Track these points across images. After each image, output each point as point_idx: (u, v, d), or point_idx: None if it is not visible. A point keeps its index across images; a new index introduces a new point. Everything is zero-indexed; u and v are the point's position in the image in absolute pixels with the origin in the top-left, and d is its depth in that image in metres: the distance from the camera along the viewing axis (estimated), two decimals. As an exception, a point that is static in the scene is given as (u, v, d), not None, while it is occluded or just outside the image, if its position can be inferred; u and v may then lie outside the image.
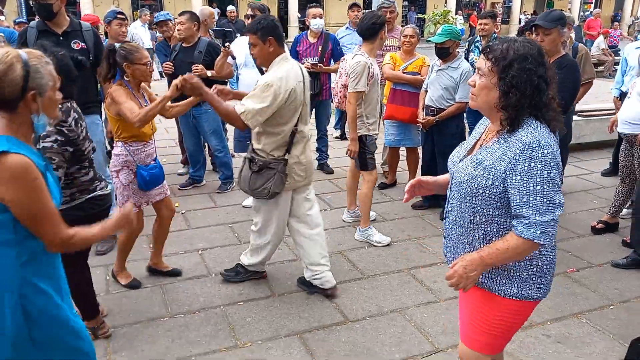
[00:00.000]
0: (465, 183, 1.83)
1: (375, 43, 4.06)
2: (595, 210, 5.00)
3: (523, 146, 1.69)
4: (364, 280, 3.68)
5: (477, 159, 1.83)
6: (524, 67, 1.69)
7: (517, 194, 1.71)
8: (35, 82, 1.64)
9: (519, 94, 1.70)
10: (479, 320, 1.96)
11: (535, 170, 1.68)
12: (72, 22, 3.87)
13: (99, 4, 22.36)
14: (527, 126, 1.73)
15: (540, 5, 33.05)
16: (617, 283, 3.66)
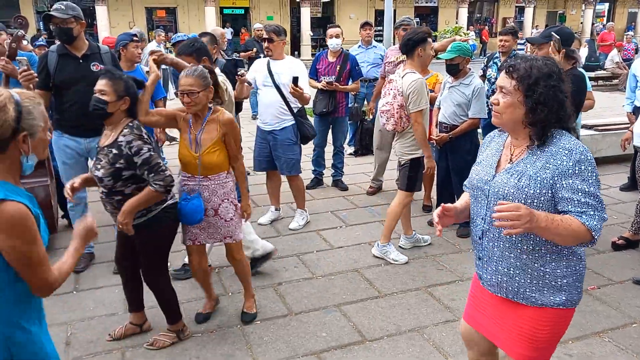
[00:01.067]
0: (511, 196, 1.86)
1: (415, 60, 4.03)
2: (615, 225, 4.93)
3: (569, 152, 1.79)
4: (381, 298, 3.66)
5: (517, 171, 1.88)
6: (549, 84, 1.80)
7: (573, 196, 1.78)
8: (27, 123, 1.63)
9: (546, 110, 1.79)
10: (527, 333, 1.97)
11: (585, 172, 1.78)
12: (90, 45, 3.96)
13: (116, 25, 22.86)
14: (561, 136, 1.84)
15: (552, 19, 33.06)
16: (639, 300, 3.60)
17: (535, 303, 1.93)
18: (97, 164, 2.81)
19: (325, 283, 3.87)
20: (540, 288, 1.91)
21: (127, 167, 2.74)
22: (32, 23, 21.58)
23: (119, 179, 2.76)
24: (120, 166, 2.73)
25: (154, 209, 2.88)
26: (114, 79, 2.79)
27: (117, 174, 2.75)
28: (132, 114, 2.87)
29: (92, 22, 23.22)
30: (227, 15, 26.81)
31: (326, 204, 5.57)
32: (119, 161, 2.73)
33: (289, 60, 4.81)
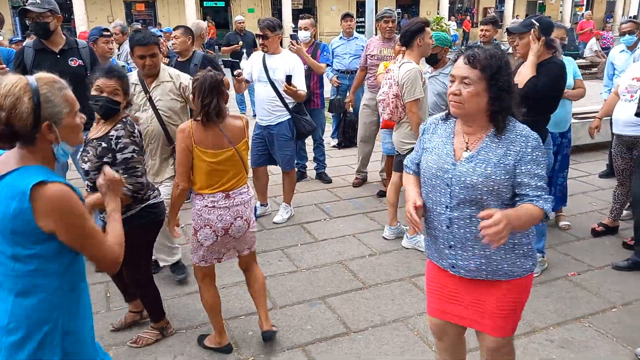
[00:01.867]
0: (480, 184, 1.92)
1: (414, 50, 4.02)
2: (595, 212, 5.01)
3: (526, 139, 1.91)
4: (366, 290, 3.67)
5: (480, 159, 1.92)
6: (508, 72, 1.90)
7: (530, 180, 1.90)
8: (47, 111, 1.56)
9: (509, 97, 1.89)
10: (509, 306, 2.07)
11: (539, 157, 1.91)
12: (68, 40, 3.89)
13: (94, 20, 22.45)
14: (516, 123, 1.95)
15: (532, 8, 33.30)
16: (619, 286, 3.66)
17: (512, 275, 2.03)
18: (84, 156, 2.73)
19: (309, 276, 3.88)
20: (514, 260, 2.02)
21: (114, 162, 2.67)
22: (8, 18, 21.14)
23: None
24: (107, 161, 2.65)
25: (133, 207, 2.80)
26: (123, 78, 2.74)
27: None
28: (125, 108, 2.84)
29: (69, 16, 22.80)
30: (207, 8, 26.52)
31: (310, 197, 5.56)
32: (107, 155, 2.66)
33: (285, 54, 4.73)
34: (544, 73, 3.38)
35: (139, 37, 3.44)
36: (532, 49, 3.40)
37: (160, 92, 3.56)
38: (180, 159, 2.75)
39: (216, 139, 2.74)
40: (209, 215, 2.78)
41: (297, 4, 26.77)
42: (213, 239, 2.82)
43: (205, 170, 2.74)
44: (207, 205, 2.78)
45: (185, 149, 2.72)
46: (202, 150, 2.72)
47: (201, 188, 2.78)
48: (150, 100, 3.53)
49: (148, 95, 3.53)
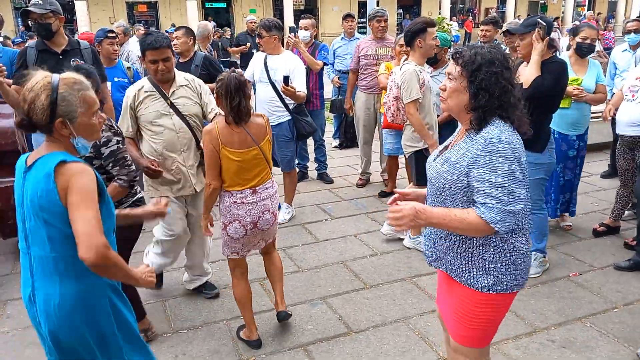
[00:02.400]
0: (434, 179, 1.97)
1: (416, 51, 3.96)
2: (596, 212, 5.00)
3: (485, 142, 1.82)
4: (367, 290, 3.68)
5: (445, 157, 1.96)
6: (491, 70, 1.83)
7: (480, 185, 1.82)
8: (62, 109, 1.74)
9: (487, 96, 1.83)
10: (462, 315, 2.03)
11: (496, 163, 1.79)
12: (70, 40, 3.90)
13: (96, 21, 22.52)
14: (492, 125, 1.86)
15: (533, 9, 33.27)
16: (620, 286, 3.65)
17: (465, 282, 1.98)
18: None
19: (311, 276, 3.88)
20: (470, 269, 1.96)
21: (97, 156, 2.67)
22: (10, 19, 21.21)
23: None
24: (89, 155, 2.61)
25: (124, 202, 2.81)
26: (91, 77, 2.61)
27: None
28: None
29: (71, 17, 22.85)
30: (209, 9, 26.54)
31: (311, 197, 5.57)
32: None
33: (286, 55, 4.73)
34: (548, 73, 3.38)
35: (151, 40, 3.15)
36: (536, 49, 3.39)
37: (181, 96, 3.30)
38: (209, 159, 2.80)
39: (241, 139, 2.81)
40: (237, 211, 2.88)
41: (298, 5, 26.79)
42: (242, 233, 2.92)
43: (232, 169, 2.82)
44: (236, 202, 2.87)
45: (213, 149, 2.77)
46: (229, 150, 2.78)
47: (230, 186, 2.87)
48: (173, 106, 3.26)
49: (169, 101, 3.25)
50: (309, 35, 5.79)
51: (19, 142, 4.12)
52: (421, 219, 1.85)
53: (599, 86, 4.32)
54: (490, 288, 1.93)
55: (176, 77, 3.32)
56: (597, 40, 4.59)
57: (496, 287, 1.94)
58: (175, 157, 3.29)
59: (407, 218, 1.84)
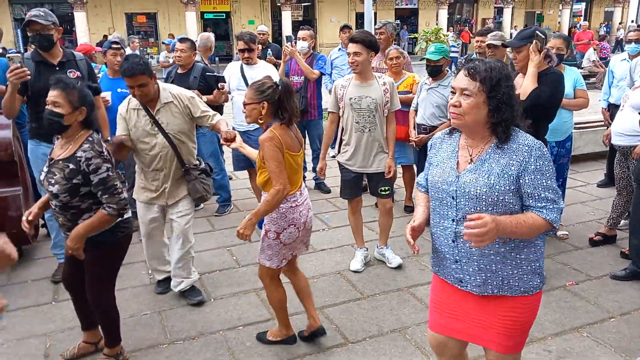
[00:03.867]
0: (484, 194, 1.91)
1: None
2: (593, 222, 5.01)
3: (529, 149, 1.90)
4: (364, 300, 3.67)
5: (483, 170, 1.92)
6: (508, 84, 1.91)
7: (534, 190, 1.89)
8: None
9: (509, 109, 1.89)
10: (515, 324, 2.03)
11: (544, 167, 1.90)
12: (65, 52, 3.94)
13: (95, 32, 22.63)
14: (517, 133, 1.94)
15: (530, 19, 33.51)
16: (617, 295, 3.65)
17: (519, 292, 2.00)
18: (49, 177, 2.62)
19: (307, 286, 3.87)
20: (520, 276, 2.00)
21: (85, 183, 2.60)
22: (9, 30, 21.29)
23: (76, 194, 2.61)
24: (77, 182, 2.59)
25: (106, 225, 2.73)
26: (67, 89, 2.61)
27: (74, 190, 2.60)
28: (89, 125, 2.71)
29: (70, 28, 22.96)
30: (208, 20, 26.71)
31: (309, 207, 5.56)
32: (76, 177, 2.58)
33: (262, 65, 4.98)
34: (546, 84, 3.40)
35: (125, 67, 3.17)
36: (532, 61, 3.41)
37: (166, 114, 3.38)
38: (279, 164, 2.75)
39: (294, 142, 2.86)
40: (293, 215, 2.88)
41: (297, 16, 26.96)
42: (296, 236, 2.93)
43: (290, 172, 2.83)
44: (292, 206, 2.88)
45: (279, 154, 2.75)
46: (290, 154, 2.82)
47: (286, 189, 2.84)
48: (157, 124, 3.36)
49: (153, 119, 3.35)
50: (307, 45, 5.84)
51: (16, 152, 4.13)
52: (500, 230, 1.81)
53: (578, 91, 4.39)
54: (538, 287, 2.03)
55: (161, 95, 3.38)
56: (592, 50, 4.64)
57: (541, 284, 2.05)
58: (157, 173, 3.45)
59: (492, 232, 1.77)
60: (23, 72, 3.43)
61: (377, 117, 3.87)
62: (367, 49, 3.77)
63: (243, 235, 2.79)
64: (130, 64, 3.17)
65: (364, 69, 3.84)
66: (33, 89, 3.73)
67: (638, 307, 3.50)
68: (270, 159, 2.74)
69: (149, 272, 4.13)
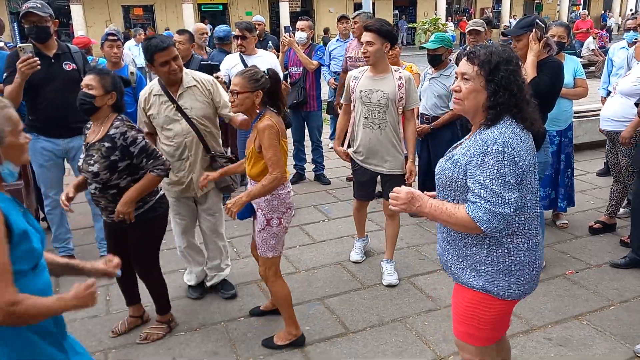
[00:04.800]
0: (437, 175, 2.01)
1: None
2: (592, 210, 5.01)
3: (482, 142, 1.85)
4: (364, 290, 3.68)
5: (451, 154, 1.98)
6: (509, 68, 1.86)
7: (471, 184, 1.86)
8: None
9: (507, 93, 1.84)
10: (457, 309, 2.09)
11: (487, 164, 1.82)
12: (60, 45, 3.93)
13: (92, 24, 22.52)
14: (498, 125, 1.87)
15: (529, 8, 33.36)
16: (617, 283, 3.67)
17: (458, 280, 2.05)
18: (88, 160, 2.79)
19: (308, 277, 3.89)
20: (463, 267, 2.01)
21: (122, 158, 2.77)
22: (6, 24, 21.15)
23: (115, 171, 2.78)
24: (115, 158, 2.75)
25: (149, 200, 2.94)
26: (101, 74, 2.82)
27: (113, 166, 2.76)
28: (118, 110, 2.87)
29: (67, 21, 22.85)
30: (205, 12, 26.58)
31: (308, 199, 5.57)
32: (114, 153, 2.75)
33: (263, 54, 4.92)
34: (546, 73, 3.39)
35: (156, 42, 3.09)
36: (532, 50, 3.38)
37: (189, 99, 3.27)
38: (277, 152, 2.76)
39: (284, 128, 2.87)
40: (289, 199, 2.94)
41: (295, 7, 26.84)
42: (292, 218, 3.02)
43: (284, 158, 2.88)
44: (288, 191, 2.94)
45: (277, 141, 2.77)
46: (284, 141, 2.85)
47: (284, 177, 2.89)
48: (180, 110, 3.25)
49: (176, 105, 3.24)
50: (305, 36, 5.81)
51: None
52: (414, 205, 1.94)
53: (578, 80, 4.37)
54: (480, 289, 1.97)
55: (184, 79, 3.28)
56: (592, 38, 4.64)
57: (485, 289, 1.96)
58: (183, 162, 3.36)
59: (402, 201, 1.94)
60: (35, 61, 3.42)
61: (389, 114, 3.59)
62: (381, 39, 3.48)
63: (230, 211, 2.76)
64: (160, 37, 3.20)
65: (377, 60, 3.55)
66: (29, 81, 3.72)
67: (638, 295, 3.51)
68: (270, 147, 2.74)
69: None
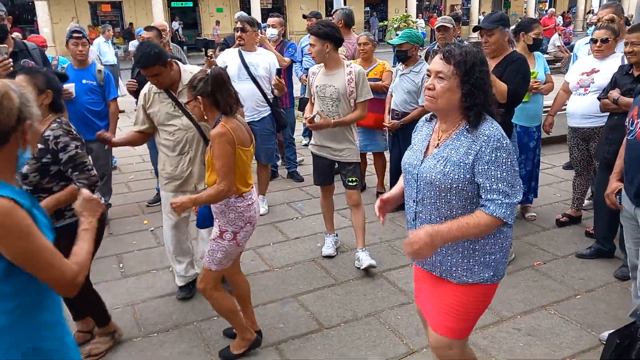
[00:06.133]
0: (438, 181, 1.94)
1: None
2: (559, 203, 5.15)
3: (488, 138, 1.87)
4: (338, 286, 3.70)
5: (442, 157, 1.95)
6: (482, 69, 1.91)
7: (486, 181, 1.88)
8: (28, 110, 1.52)
9: (482, 94, 1.89)
10: (455, 309, 2.05)
11: (500, 159, 1.86)
12: (16, 42, 3.86)
13: (58, 21, 21.95)
14: (486, 122, 1.92)
15: (497, 5, 33.92)
16: (582, 273, 3.78)
17: (463, 280, 2.02)
18: None
19: (282, 274, 3.89)
20: (470, 266, 2.00)
21: (54, 162, 2.61)
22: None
23: (46, 174, 2.61)
24: (47, 161, 2.59)
25: (65, 217, 2.71)
26: (31, 73, 2.63)
27: (44, 170, 2.59)
28: (57, 109, 2.70)
29: (32, 18, 22.22)
30: (175, 9, 26.19)
31: (282, 196, 5.57)
32: (45, 156, 2.58)
33: (261, 52, 4.87)
34: (516, 71, 3.46)
35: (137, 57, 3.17)
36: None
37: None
38: (228, 162, 2.61)
39: (245, 136, 2.73)
40: (249, 213, 2.78)
41: (266, 4, 26.66)
42: (250, 234, 2.85)
43: (243, 169, 2.71)
44: (248, 204, 2.77)
45: (230, 151, 2.61)
46: (242, 150, 2.68)
47: (240, 189, 2.71)
48: (179, 105, 3.26)
49: (176, 101, 3.27)
50: (277, 33, 5.79)
51: None
52: (437, 242, 1.86)
53: (548, 76, 4.58)
54: (489, 280, 2.01)
55: (182, 76, 3.30)
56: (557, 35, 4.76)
57: (493, 278, 2.03)
58: (183, 156, 3.35)
59: (427, 246, 1.84)
60: (9, 62, 3.34)
61: (341, 107, 3.77)
62: (321, 40, 3.68)
63: (176, 209, 2.66)
64: (142, 53, 3.12)
65: (322, 59, 3.76)
66: None
67: (602, 284, 3.62)
68: (220, 157, 2.59)
69: (120, 266, 4.08)
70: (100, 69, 4.85)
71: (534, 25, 4.36)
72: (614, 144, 3.76)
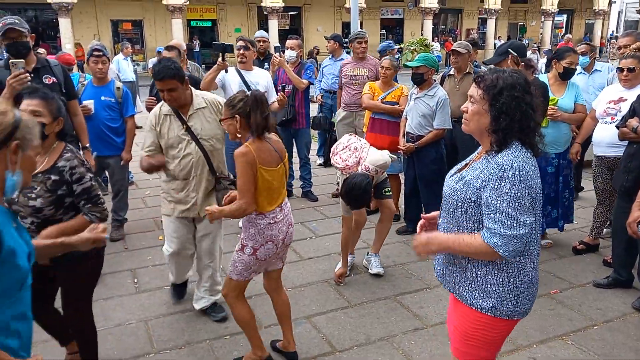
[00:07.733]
0: (447, 196, 2.02)
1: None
2: (576, 230, 5.08)
3: (497, 167, 1.87)
4: (351, 308, 3.68)
5: (461, 175, 2.00)
6: (512, 94, 1.88)
7: (486, 208, 1.88)
8: (22, 133, 1.54)
9: (508, 119, 1.88)
10: (460, 330, 2.08)
11: (503, 188, 1.84)
12: (39, 59, 3.95)
13: (80, 38, 22.44)
14: (509, 149, 1.90)
15: (513, 30, 34.05)
16: (600, 303, 3.71)
17: (466, 302, 2.02)
18: (28, 193, 2.43)
19: (295, 295, 3.87)
20: (472, 289, 2.00)
21: (69, 193, 2.49)
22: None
23: (60, 207, 2.49)
24: (62, 193, 2.47)
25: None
26: (47, 99, 2.53)
27: (59, 202, 2.47)
28: (63, 137, 2.60)
29: (55, 34, 22.74)
30: (194, 28, 26.67)
31: (296, 215, 5.48)
32: (61, 188, 2.46)
33: (258, 71, 5.04)
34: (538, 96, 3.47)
35: (155, 71, 3.17)
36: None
37: (199, 120, 3.31)
38: (247, 182, 2.68)
39: (271, 156, 2.77)
40: (271, 232, 2.82)
41: (283, 25, 27.06)
42: (273, 252, 2.87)
43: (266, 189, 2.75)
44: (270, 223, 2.81)
45: (250, 171, 2.67)
46: (265, 170, 2.72)
47: (263, 207, 2.77)
48: (189, 130, 3.28)
49: (185, 125, 3.27)
50: (295, 55, 5.87)
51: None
52: (433, 246, 2.01)
53: (578, 106, 4.43)
54: (488, 310, 1.96)
55: (194, 100, 3.32)
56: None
57: (494, 311, 1.96)
58: (189, 181, 3.35)
59: (422, 245, 2.02)
60: (26, 77, 3.42)
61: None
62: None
63: (210, 215, 2.83)
64: (160, 67, 3.14)
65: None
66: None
67: (620, 315, 3.56)
68: (240, 175, 2.68)
69: (135, 281, 4.10)
70: (119, 86, 4.95)
71: (567, 54, 4.35)
72: (632, 172, 3.74)
